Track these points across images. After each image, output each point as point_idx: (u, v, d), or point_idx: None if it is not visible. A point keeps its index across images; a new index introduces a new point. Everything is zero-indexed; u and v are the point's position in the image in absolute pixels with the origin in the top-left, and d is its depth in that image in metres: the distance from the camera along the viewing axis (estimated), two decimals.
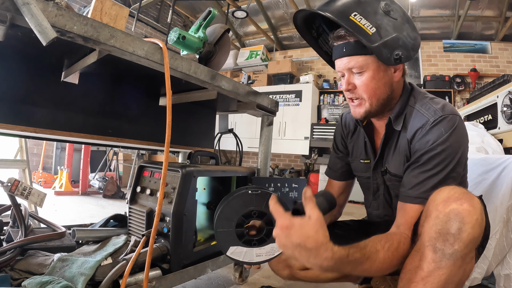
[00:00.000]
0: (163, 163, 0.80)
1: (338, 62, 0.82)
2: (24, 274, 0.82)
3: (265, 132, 1.50)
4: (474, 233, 0.60)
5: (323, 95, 5.58)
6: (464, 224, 0.59)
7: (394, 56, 0.73)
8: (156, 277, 0.93)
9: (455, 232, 0.60)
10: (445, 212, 0.62)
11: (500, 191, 1.21)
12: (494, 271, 1.28)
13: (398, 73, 0.82)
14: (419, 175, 0.77)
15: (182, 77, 0.98)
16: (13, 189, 0.99)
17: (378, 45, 0.71)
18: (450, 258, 0.60)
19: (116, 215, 1.28)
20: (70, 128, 1.16)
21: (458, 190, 0.64)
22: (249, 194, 0.79)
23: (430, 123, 0.77)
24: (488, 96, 2.07)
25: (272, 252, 0.82)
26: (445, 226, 0.61)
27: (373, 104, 0.82)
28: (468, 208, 0.60)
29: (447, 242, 0.60)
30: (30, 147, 4.31)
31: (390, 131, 0.87)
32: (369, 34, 0.70)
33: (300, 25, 0.87)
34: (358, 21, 0.71)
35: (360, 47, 0.76)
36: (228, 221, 0.77)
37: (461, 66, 4.92)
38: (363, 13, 0.71)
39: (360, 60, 0.77)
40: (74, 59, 0.97)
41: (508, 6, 4.21)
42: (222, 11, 5.13)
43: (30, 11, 0.57)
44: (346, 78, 0.82)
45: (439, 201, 0.64)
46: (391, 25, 0.73)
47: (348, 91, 0.83)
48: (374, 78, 0.79)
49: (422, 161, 0.77)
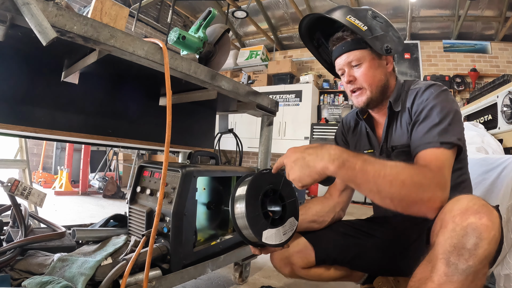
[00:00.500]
0: (163, 163, 0.80)
1: (339, 60, 0.95)
2: (24, 274, 0.82)
3: (265, 132, 1.50)
4: (490, 249, 0.58)
5: (323, 95, 5.58)
6: (481, 240, 0.57)
7: (385, 48, 0.88)
8: (156, 277, 0.93)
9: (471, 247, 0.57)
10: (462, 226, 0.59)
11: (500, 191, 1.21)
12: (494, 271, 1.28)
13: (390, 65, 0.96)
14: (423, 127, 0.83)
15: (182, 77, 0.98)
16: (13, 189, 0.99)
17: (371, 38, 0.87)
18: (463, 273, 0.58)
19: (116, 215, 1.28)
20: (70, 128, 1.16)
21: (478, 202, 0.62)
22: (262, 174, 0.80)
23: (422, 89, 0.90)
24: (488, 96, 2.07)
25: (292, 227, 0.81)
26: (461, 240, 0.59)
27: (373, 91, 0.93)
28: (487, 223, 0.58)
29: (462, 257, 0.58)
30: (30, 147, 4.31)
31: (391, 113, 0.97)
32: (362, 30, 0.87)
33: (304, 33, 1.03)
34: (353, 21, 0.88)
35: (356, 43, 0.91)
36: (253, 206, 0.74)
37: (461, 66, 4.92)
38: (356, 16, 0.89)
39: (357, 53, 0.91)
40: (74, 59, 0.97)
41: (508, 6, 4.21)
42: (222, 11, 5.13)
43: (30, 11, 0.58)
44: (347, 72, 0.95)
45: (457, 212, 0.61)
46: (379, 26, 0.90)
47: (350, 82, 0.95)
48: (371, 67, 0.92)
49: (422, 117, 0.84)
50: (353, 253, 1.02)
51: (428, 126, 0.81)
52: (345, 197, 1.11)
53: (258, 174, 0.79)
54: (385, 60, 0.94)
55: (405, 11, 4.78)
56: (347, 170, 0.68)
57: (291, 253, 1.02)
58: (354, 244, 1.03)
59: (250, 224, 0.72)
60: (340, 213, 1.12)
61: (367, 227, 1.09)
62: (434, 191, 0.67)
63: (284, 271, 1.06)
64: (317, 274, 1.06)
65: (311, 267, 1.04)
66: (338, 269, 1.07)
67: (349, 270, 1.09)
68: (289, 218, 0.81)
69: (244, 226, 0.74)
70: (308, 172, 0.70)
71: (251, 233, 0.73)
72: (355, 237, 1.05)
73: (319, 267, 1.04)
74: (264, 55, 5.74)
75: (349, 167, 0.68)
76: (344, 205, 1.12)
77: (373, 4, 4.86)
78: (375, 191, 0.68)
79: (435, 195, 0.67)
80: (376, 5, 4.87)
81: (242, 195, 0.75)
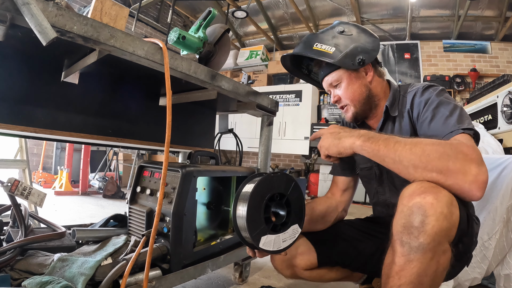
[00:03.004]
0: (163, 163, 0.80)
1: (323, 83, 1.02)
2: (24, 274, 0.82)
3: (265, 132, 1.50)
4: (439, 225, 0.59)
5: (323, 95, 5.58)
6: (427, 217, 0.59)
7: (357, 61, 0.89)
8: (156, 277, 0.93)
9: (418, 225, 0.60)
10: (408, 206, 0.62)
11: (500, 191, 1.21)
12: (494, 271, 1.28)
13: (369, 74, 0.96)
14: (437, 122, 0.79)
15: (182, 77, 0.98)
16: (13, 189, 0.99)
17: (339, 58, 0.89)
18: (418, 251, 0.60)
19: (116, 215, 1.28)
20: (70, 128, 1.16)
21: (425, 185, 0.63)
22: (271, 176, 0.77)
23: (421, 89, 0.90)
24: (488, 96, 2.07)
25: (294, 234, 0.80)
26: (408, 219, 0.62)
27: (356, 106, 0.97)
28: (431, 201, 0.60)
29: (412, 235, 0.61)
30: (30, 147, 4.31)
31: (387, 118, 0.97)
32: (330, 53, 0.90)
33: (291, 69, 1.09)
34: (319, 48, 0.92)
35: (329, 66, 0.95)
36: (256, 209, 0.73)
37: (461, 66, 4.92)
38: (321, 41, 0.93)
39: (333, 75, 0.96)
40: (74, 59, 0.97)
41: (508, 6, 4.21)
42: (222, 11, 5.13)
43: (30, 11, 0.57)
44: (332, 93, 1.00)
45: (405, 195, 0.64)
46: (348, 40, 0.92)
47: (336, 102, 1.00)
48: (349, 84, 0.95)
49: (431, 114, 0.82)
50: (353, 255, 1.02)
51: (442, 119, 0.79)
52: (347, 196, 1.12)
53: (267, 176, 0.77)
54: (363, 71, 0.95)
55: (405, 11, 4.78)
56: (371, 143, 0.74)
57: (293, 255, 1.02)
58: (355, 246, 1.03)
59: (249, 227, 0.72)
60: (343, 213, 1.12)
61: (367, 227, 1.09)
62: (463, 163, 0.63)
63: (285, 272, 1.06)
64: (319, 276, 1.06)
65: (313, 268, 1.04)
66: (339, 270, 1.08)
67: (349, 271, 1.09)
68: (293, 225, 0.79)
69: (243, 228, 0.73)
70: (337, 143, 0.81)
71: (248, 236, 0.72)
72: (356, 239, 1.05)
73: (321, 268, 1.05)
74: (264, 55, 5.74)
75: (373, 141, 0.73)
76: (346, 204, 1.12)
77: (373, 4, 4.86)
78: (398, 161, 0.68)
79: (465, 167, 0.62)
80: (376, 5, 4.87)
81: (247, 196, 0.73)
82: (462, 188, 0.63)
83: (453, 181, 0.63)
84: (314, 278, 1.06)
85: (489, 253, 1.23)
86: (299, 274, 1.04)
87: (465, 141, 0.70)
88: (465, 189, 0.62)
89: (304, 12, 5.24)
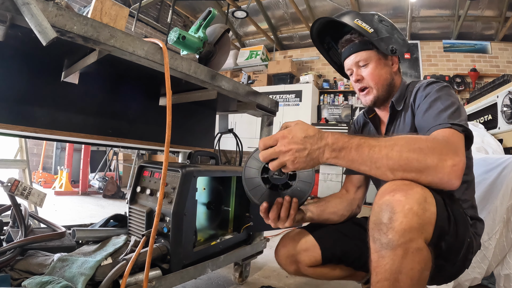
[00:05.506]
0: (163, 163, 0.80)
1: (347, 61, 1.01)
2: (24, 274, 0.82)
3: (265, 132, 1.50)
4: (408, 222, 0.59)
5: (323, 95, 5.59)
6: (394, 214, 0.60)
7: (390, 48, 0.94)
8: (156, 277, 0.93)
9: (387, 221, 0.61)
10: (378, 204, 0.64)
11: (500, 191, 1.21)
12: (494, 271, 1.28)
13: (395, 65, 1.01)
14: (430, 114, 0.82)
15: (182, 77, 0.98)
16: (13, 189, 0.99)
17: (377, 39, 0.94)
18: (388, 247, 0.61)
19: (116, 215, 1.28)
20: (70, 128, 1.16)
21: (397, 183, 0.64)
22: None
23: (424, 85, 0.92)
24: (488, 96, 2.07)
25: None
26: (378, 216, 0.63)
27: (379, 90, 0.98)
28: (400, 198, 0.61)
29: (381, 232, 0.62)
30: (30, 147, 4.31)
31: (393, 112, 1.00)
32: (369, 32, 0.94)
33: (315, 37, 1.10)
34: (360, 24, 0.95)
35: (363, 44, 0.96)
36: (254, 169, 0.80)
37: (461, 66, 4.93)
38: (363, 19, 0.96)
39: (364, 54, 0.97)
40: (74, 59, 0.97)
41: (508, 6, 4.21)
42: (222, 11, 5.13)
43: (30, 11, 0.58)
44: (355, 72, 1.00)
45: (378, 194, 0.66)
46: (385, 29, 0.97)
47: (357, 81, 1.00)
48: (377, 67, 0.97)
49: (426, 106, 0.84)
50: (357, 254, 1.02)
51: (435, 112, 0.81)
52: (361, 193, 1.13)
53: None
54: (390, 60, 0.99)
55: (405, 11, 4.79)
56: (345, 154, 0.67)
57: (298, 251, 1.02)
58: (358, 245, 1.03)
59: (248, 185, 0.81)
60: (357, 209, 1.13)
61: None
62: (439, 157, 0.63)
63: (289, 268, 1.06)
64: (323, 273, 1.06)
65: (317, 265, 1.04)
66: (343, 269, 1.08)
67: (353, 270, 1.09)
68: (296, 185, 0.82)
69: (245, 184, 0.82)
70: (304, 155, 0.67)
71: (248, 191, 0.81)
72: (360, 238, 1.05)
73: (325, 266, 1.05)
74: (264, 55, 5.74)
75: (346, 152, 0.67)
76: (360, 201, 1.13)
77: (373, 4, 4.86)
78: (374, 167, 0.65)
79: (442, 161, 0.62)
80: (376, 5, 4.87)
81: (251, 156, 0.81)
82: (441, 181, 0.64)
83: (432, 177, 0.64)
84: (317, 276, 1.06)
85: (489, 253, 1.23)
86: (303, 270, 1.05)
87: (448, 135, 0.72)
88: (444, 181, 0.64)
89: (304, 12, 5.25)
